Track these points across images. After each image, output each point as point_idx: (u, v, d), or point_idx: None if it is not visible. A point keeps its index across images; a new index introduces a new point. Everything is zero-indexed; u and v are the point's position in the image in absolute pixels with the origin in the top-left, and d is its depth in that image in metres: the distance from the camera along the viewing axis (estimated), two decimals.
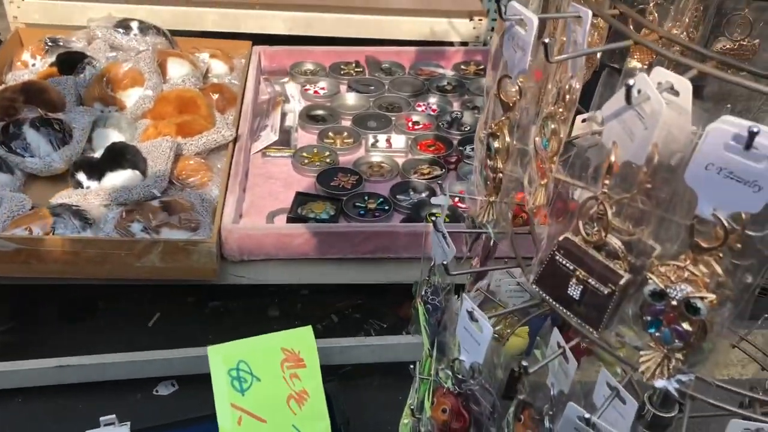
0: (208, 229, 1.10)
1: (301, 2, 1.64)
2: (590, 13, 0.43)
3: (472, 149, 1.39)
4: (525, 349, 0.74)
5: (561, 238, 0.45)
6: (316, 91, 1.55)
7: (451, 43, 1.71)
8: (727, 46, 0.75)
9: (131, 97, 1.33)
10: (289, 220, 1.17)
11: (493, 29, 2.01)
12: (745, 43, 0.75)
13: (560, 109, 0.48)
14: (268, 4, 1.62)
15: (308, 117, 1.45)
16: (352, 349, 1.12)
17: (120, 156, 1.15)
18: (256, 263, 1.13)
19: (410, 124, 1.46)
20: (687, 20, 0.74)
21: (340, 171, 1.30)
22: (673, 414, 0.53)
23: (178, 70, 1.42)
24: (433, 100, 1.55)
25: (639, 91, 0.38)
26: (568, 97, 0.48)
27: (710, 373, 0.44)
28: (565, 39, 0.49)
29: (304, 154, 1.34)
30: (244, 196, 1.24)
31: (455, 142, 1.40)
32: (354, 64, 1.64)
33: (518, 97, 0.49)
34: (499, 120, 0.51)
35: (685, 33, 0.75)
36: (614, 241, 0.43)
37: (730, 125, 0.34)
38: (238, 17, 1.62)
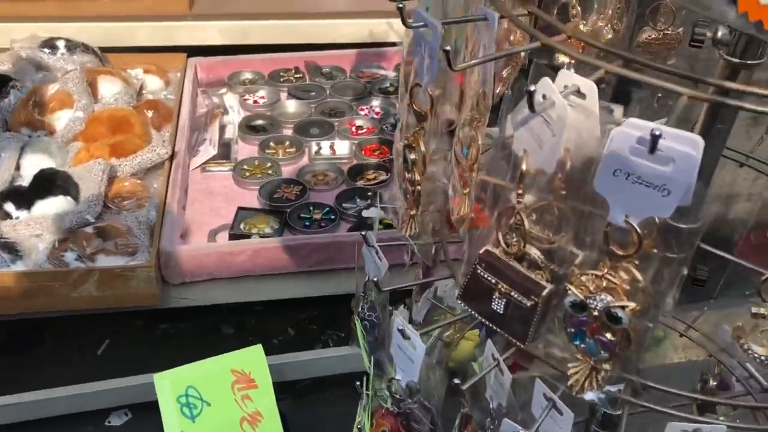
0: (146, 253, 1.06)
1: (235, 11, 1.60)
2: (497, 16, 0.41)
3: None
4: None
5: (481, 251, 0.43)
6: (255, 101, 1.52)
7: (392, 44, 1.69)
8: (652, 36, 0.74)
9: (61, 120, 1.28)
10: (231, 237, 1.13)
11: None
12: (669, 32, 0.74)
13: (476, 115, 0.46)
14: (202, 15, 1.58)
15: (248, 128, 1.42)
16: (305, 363, 1.10)
17: (49, 182, 1.11)
18: (200, 284, 1.10)
19: (354, 129, 1.44)
20: (610, 12, 0.73)
21: (283, 182, 1.27)
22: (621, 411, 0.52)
23: (109, 88, 1.38)
24: (376, 103, 1.53)
25: (544, 97, 0.37)
26: (481, 103, 0.46)
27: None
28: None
29: (245, 167, 1.31)
30: (184, 214, 1.20)
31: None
32: (293, 71, 1.61)
33: (430, 106, 0.47)
34: (414, 131, 0.49)
35: (609, 25, 0.74)
36: (533, 251, 0.41)
37: (633, 128, 0.32)
38: (172, 30, 1.58)
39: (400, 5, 0.64)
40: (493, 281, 0.42)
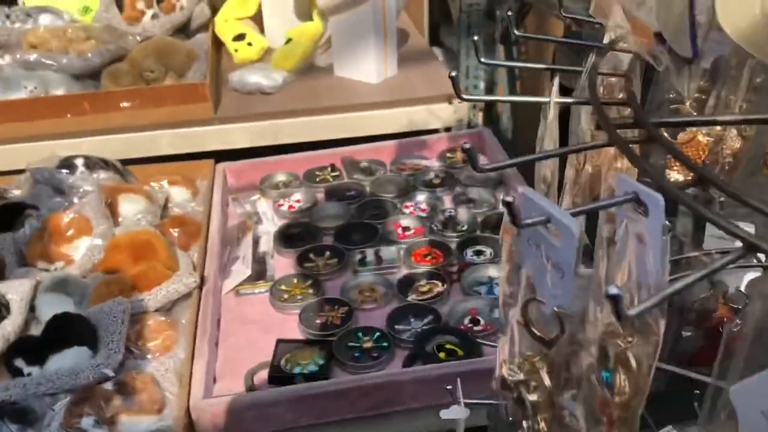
0: (176, 407, 0.91)
1: (263, 110, 1.49)
2: (661, 199, 0.26)
3: (474, 253, 1.22)
4: None
5: None
6: (290, 206, 1.39)
7: (434, 131, 1.56)
8: None
9: (79, 249, 1.16)
10: (271, 379, 0.98)
11: (474, 106, 1.87)
12: None
13: (626, 334, 0.30)
14: (228, 117, 1.48)
15: (284, 238, 1.28)
16: None
17: (64, 331, 0.98)
18: None
19: (399, 230, 1.29)
20: (737, 109, 0.57)
21: (326, 303, 1.12)
22: None
23: (131, 207, 1.26)
24: (421, 198, 1.39)
25: None
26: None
27: None
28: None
29: (283, 287, 1.16)
30: (216, 352, 1.05)
31: (453, 247, 1.23)
32: (330, 168, 1.48)
33: (560, 333, 0.32)
34: (531, 360, 0.33)
35: (735, 130, 0.58)
36: None
37: None
38: (197, 135, 1.47)
39: (453, 74, 0.50)
40: None
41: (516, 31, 0.45)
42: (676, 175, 0.53)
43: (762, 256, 0.58)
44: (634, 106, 0.34)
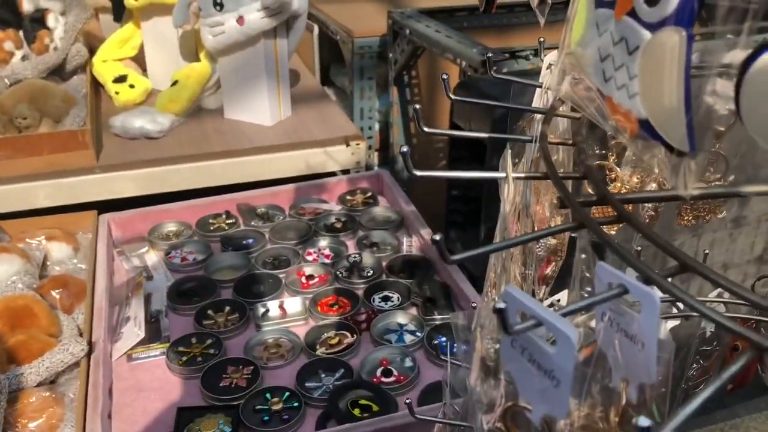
0: None
1: (149, 157, 1.40)
2: (657, 297, 0.24)
3: (381, 299, 1.19)
4: None
5: None
6: (183, 258, 1.30)
7: (332, 173, 1.52)
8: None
9: None
10: None
11: (370, 147, 1.86)
12: (720, 182, 0.60)
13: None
14: (111, 165, 1.38)
15: (178, 294, 1.20)
16: None
17: None
18: None
19: (303, 279, 1.25)
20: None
21: (229, 363, 1.05)
22: None
23: (5, 269, 1.14)
24: (323, 243, 1.35)
25: None
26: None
27: None
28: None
29: (181, 349, 1.08)
30: (110, 426, 0.96)
31: (360, 294, 1.20)
32: (224, 216, 1.41)
33: None
34: None
35: (655, 184, 0.59)
36: None
37: None
38: (77, 186, 1.36)
39: (404, 149, 0.47)
40: None
41: (451, 95, 0.43)
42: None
43: (681, 305, 0.59)
44: (596, 183, 0.32)
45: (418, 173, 0.36)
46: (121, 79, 1.66)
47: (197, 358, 1.07)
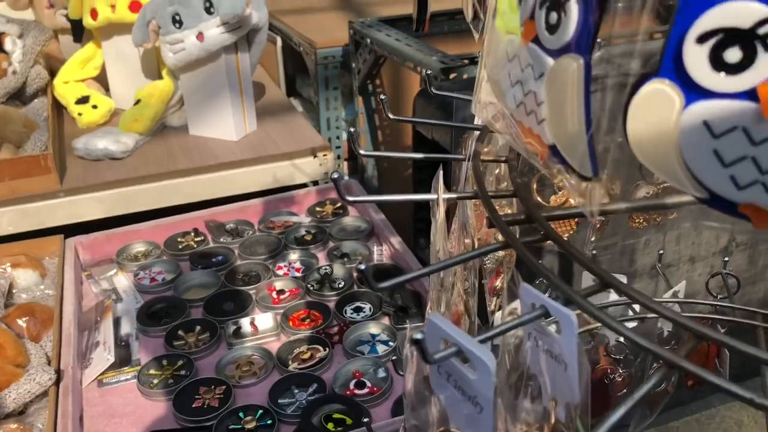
0: None
1: (114, 178, 1.39)
2: (573, 317, 0.24)
3: (353, 311, 1.19)
4: None
5: None
6: (153, 279, 1.29)
7: (302, 185, 1.52)
8: (651, 192, 0.60)
9: None
10: None
11: (339, 156, 1.85)
12: (668, 184, 0.60)
13: None
14: (75, 188, 1.36)
15: (148, 316, 1.19)
16: None
17: None
18: None
19: (274, 294, 1.24)
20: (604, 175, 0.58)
21: (201, 384, 1.04)
22: None
23: None
24: (294, 256, 1.34)
25: None
26: None
27: None
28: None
29: (152, 372, 1.07)
30: None
31: (332, 306, 1.19)
32: (193, 234, 1.40)
33: None
34: None
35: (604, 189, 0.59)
36: None
37: None
38: (41, 211, 1.35)
39: (335, 176, 0.47)
40: None
41: (390, 115, 0.43)
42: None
43: (637, 307, 0.59)
44: (523, 200, 0.32)
45: (351, 198, 0.36)
46: (83, 100, 1.65)
47: (168, 380, 1.06)
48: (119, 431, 0.98)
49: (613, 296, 0.61)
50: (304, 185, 1.53)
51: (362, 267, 0.30)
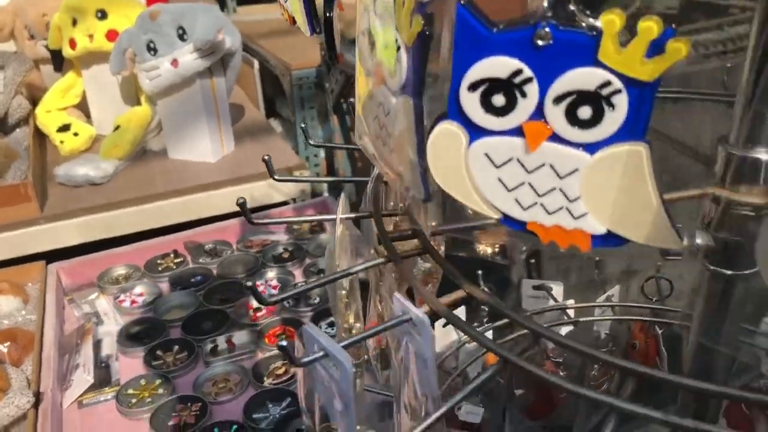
0: None
1: (93, 203, 1.42)
2: (427, 321, 0.27)
3: (328, 325, 1.22)
4: None
5: None
6: (133, 301, 1.32)
7: (281, 203, 1.55)
8: None
9: None
10: None
11: (318, 174, 1.89)
12: None
13: None
14: (56, 215, 1.40)
15: (128, 337, 1.22)
16: None
17: None
18: None
19: (252, 312, 1.27)
20: None
21: (179, 401, 1.06)
22: None
23: None
24: (271, 274, 1.37)
25: None
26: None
27: None
28: None
29: (131, 391, 1.10)
30: None
31: (307, 322, 1.22)
32: (173, 255, 1.43)
33: None
34: None
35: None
36: None
37: None
38: (22, 238, 1.38)
39: (240, 201, 0.50)
40: None
41: (311, 141, 0.47)
42: (483, 247, 0.56)
43: (571, 313, 0.63)
44: (410, 217, 0.36)
45: (257, 221, 0.39)
46: (65, 128, 1.68)
47: (146, 399, 1.08)
48: None
49: (551, 302, 0.64)
50: (284, 203, 1.56)
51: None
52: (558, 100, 0.26)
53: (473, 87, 0.27)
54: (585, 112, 0.26)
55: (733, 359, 0.39)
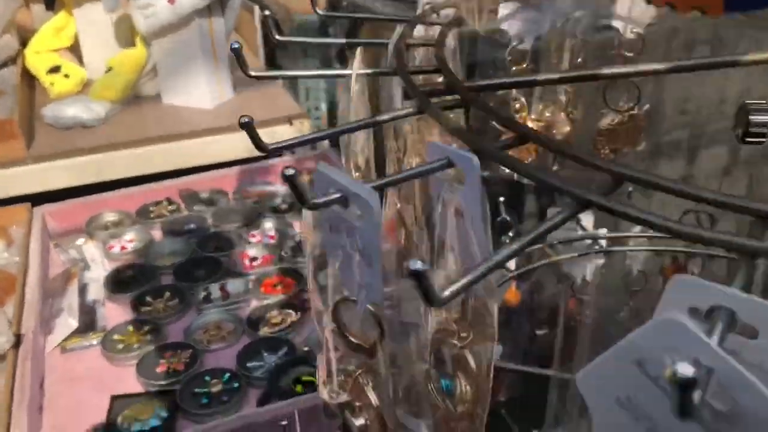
0: None
1: (83, 145, 1.35)
2: (475, 160, 0.21)
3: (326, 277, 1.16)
4: None
5: None
6: (123, 247, 1.26)
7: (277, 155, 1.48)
8: (616, 121, 0.56)
9: None
10: None
11: (318, 127, 1.82)
12: (635, 111, 0.57)
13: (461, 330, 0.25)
14: (43, 155, 1.32)
15: (116, 283, 1.15)
16: None
17: None
18: None
19: (247, 261, 1.21)
20: (564, 98, 0.55)
21: (167, 348, 1.01)
22: None
23: None
24: (269, 225, 1.31)
25: None
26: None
27: None
28: None
29: (117, 337, 1.04)
30: (41, 419, 0.91)
31: (305, 272, 1.16)
32: (166, 203, 1.37)
33: (379, 336, 0.26)
34: (353, 374, 0.27)
35: (563, 114, 0.56)
36: None
37: None
38: (8, 179, 1.31)
39: (235, 45, 0.44)
40: None
41: (277, 36, 0.41)
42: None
43: (603, 242, 0.56)
44: (445, 71, 0.29)
45: (253, 73, 0.33)
46: (55, 70, 1.60)
47: (134, 346, 1.02)
48: (81, 396, 0.95)
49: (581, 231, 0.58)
50: (280, 154, 1.49)
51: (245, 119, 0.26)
52: None
53: None
54: None
55: None
